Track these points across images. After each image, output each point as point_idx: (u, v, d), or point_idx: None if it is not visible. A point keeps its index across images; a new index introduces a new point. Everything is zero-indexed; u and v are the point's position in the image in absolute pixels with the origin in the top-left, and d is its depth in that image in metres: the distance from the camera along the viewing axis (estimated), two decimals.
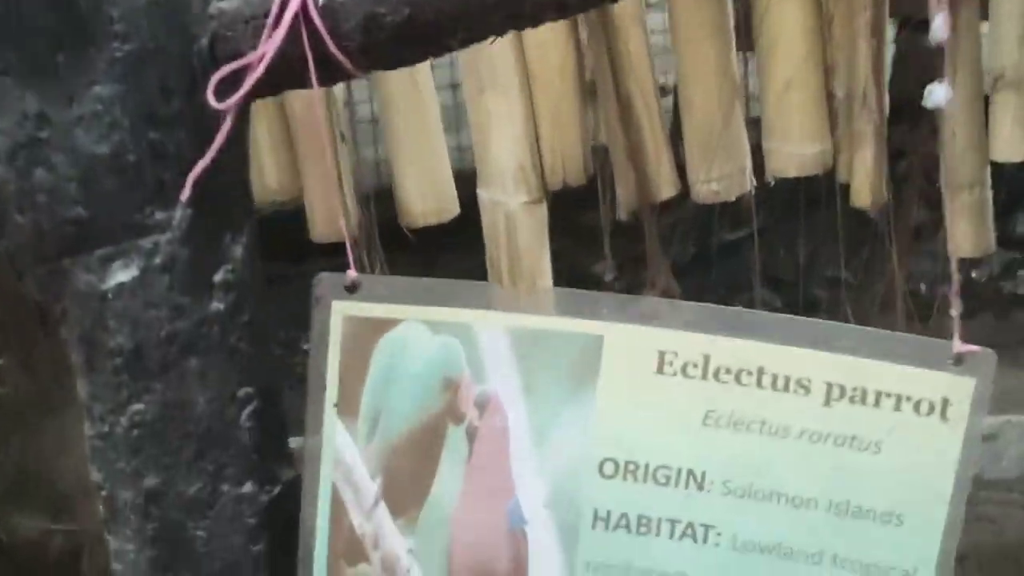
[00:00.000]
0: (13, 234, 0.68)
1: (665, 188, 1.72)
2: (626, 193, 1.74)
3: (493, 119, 1.60)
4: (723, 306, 0.68)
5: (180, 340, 0.69)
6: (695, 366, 0.69)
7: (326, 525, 0.72)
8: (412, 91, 1.63)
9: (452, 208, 1.70)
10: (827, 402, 0.68)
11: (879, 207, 1.69)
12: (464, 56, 1.55)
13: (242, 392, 0.71)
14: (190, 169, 0.66)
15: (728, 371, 0.68)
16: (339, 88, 1.63)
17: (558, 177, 1.69)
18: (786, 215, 2.16)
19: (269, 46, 0.62)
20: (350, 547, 0.73)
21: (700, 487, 0.70)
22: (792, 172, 1.66)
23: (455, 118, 1.97)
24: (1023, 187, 2.59)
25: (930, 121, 1.69)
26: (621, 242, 1.98)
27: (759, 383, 0.68)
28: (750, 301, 2.27)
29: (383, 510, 0.72)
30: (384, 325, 0.69)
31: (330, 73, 0.66)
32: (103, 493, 0.74)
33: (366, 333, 0.70)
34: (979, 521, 1.67)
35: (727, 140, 1.67)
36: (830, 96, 1.67)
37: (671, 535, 0.71)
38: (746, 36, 1.67)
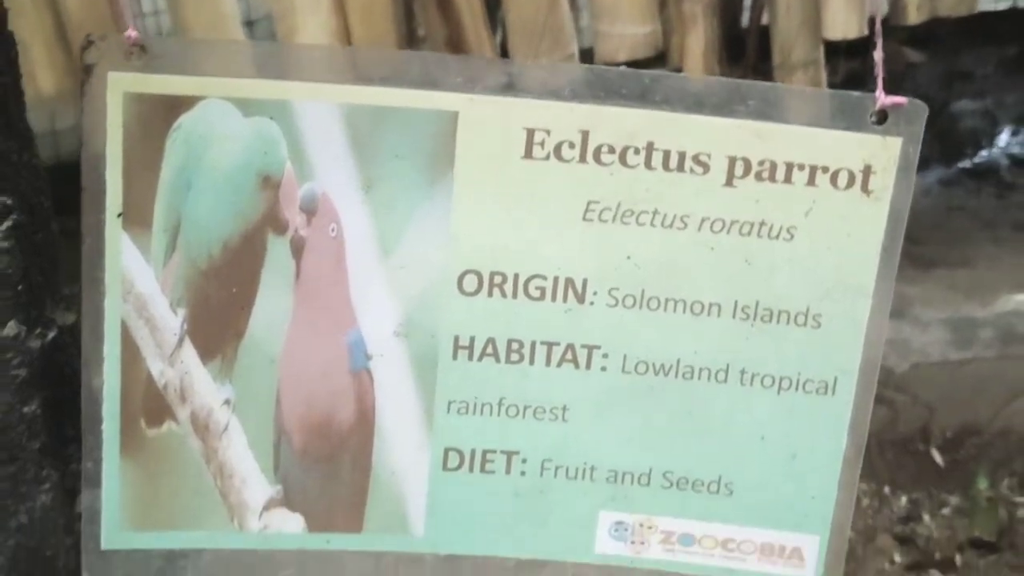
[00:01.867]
0: None
1: None
2: None
3: (298, 9, 1.45)
4: (604, 66, 0.56)
5: None
6: (571, 146, 0.56)
7: (116, 376, 0.57)
8: None
9: None
10: (730, 181, 0.56)
11: None
12: None
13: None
14: None
15: (611, 150, 0.56)
16: None
17: None
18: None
19: None
20: (149, 403, 0.58)
21: (581, 299, 0.58)
22: (622, 56, 1.56)
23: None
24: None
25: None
26: None
27: (649, 162, 0.56)
28: None
29: (190, 351, 0.57)
30: (179, 105, 0.54)
31: None
32: None
33: (156, 116, 0.54)
34: None
35: (552, 25, 1.55)
36: None
37: (548, 361, 0.59)
38: None
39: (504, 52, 1.59)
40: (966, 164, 2.84)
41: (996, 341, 1.63)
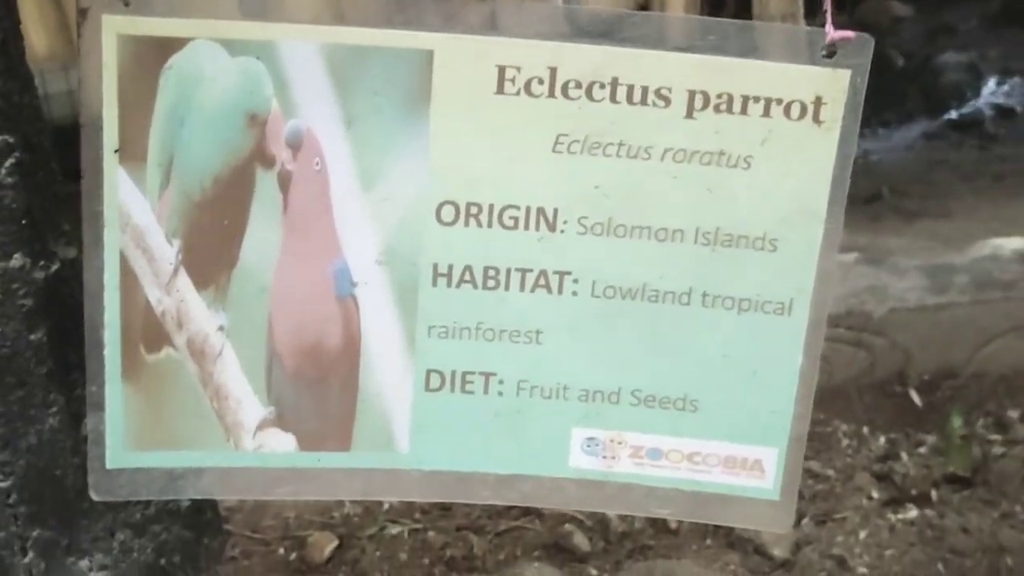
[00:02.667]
0: None
1: None
2: None
3: None
4: (571, 6, 0.59)
5: None
6: (540, 82, 0.59)
7: (116, 304, 0.61)
8: None
9: None
10: (690, 113, 0.60)
11: None
12: None
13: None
14: None
15: (578, 85, 0.60)
16: None
17: None
18: None
19: None
20: (148, 329, 0.61)
21: (552, 227, 0.62)
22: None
23: None
24: None
25: None
26: None
27: (613, 97, 0.60)
28: None
29: (185, 280, 0.61)
30: (170, 46, 0.57)
31: None
32: None
33: (148, 57, 0.58)
34: None
35: None
36: None
37: (522, 287, 0.63)
38: None
39: None
40: (951, 116, 2.88)
41: (971, 286, 1.67)
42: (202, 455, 0.64)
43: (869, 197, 2.32)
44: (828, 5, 0.57)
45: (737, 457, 0.65)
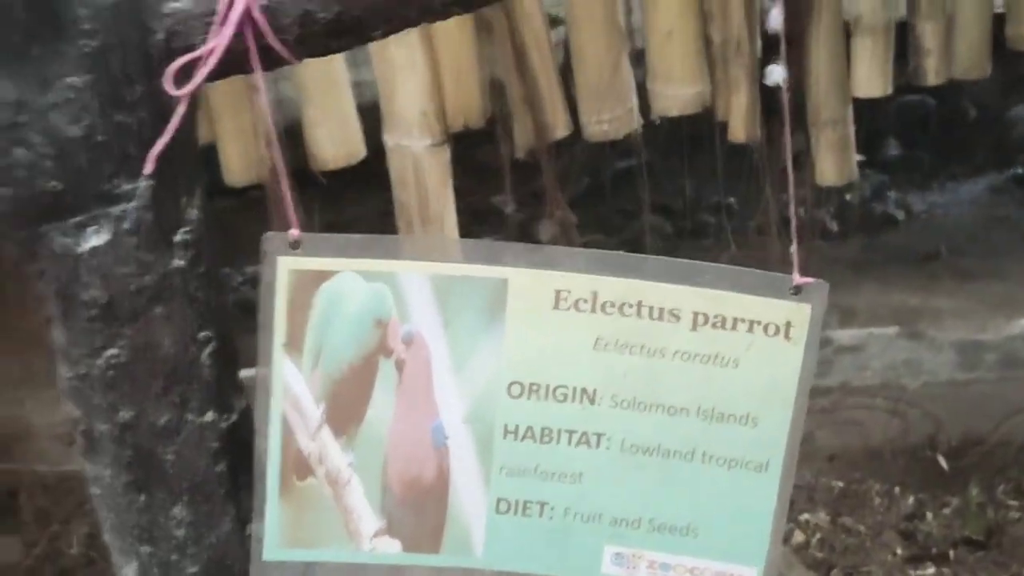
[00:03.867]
0: None
1: (559, 129, 1.86)
2: (523, 134, 1.87)
3: (397, 69, 1.70)
4: (607, 251, 0.82)
5: (147, 292, 0.80)
6: (585, 301, 0.82)
7: (277, 446, 0.85)
8: None
9: (360, 151, 1.81)
10: (694, 327, 0.82)
11: (754, 141, 1.85)
12: None
13: (202, 335, 0.83)
14: (151, 145, 0.77)
15: (613, 304, 0.82)
16: None
17: (459, 121, 1.81)
18: (673, 149, 2.31)
19: (218, 41, 0.73)
20: (298, 464, 0.86)
21: (592, 402, 0.84)
22: (674, 112, 1.81)
23: (354, 54, 2.05)
24: (892, 115, 2.77)
25: (799, 62, 1.84)
26: (519, 176, 2.10)
27: (639, 314, 0.82)
28: (641, 228, 2.42)
29: (326, 431, 0.85)
30: (323, 275, 0.81)
31: (270, 61, 0.77)
32: (81, 427, 0.85)
33: (308, 282, 0.82)
34: (847, 424, 1.86)
35: (615, 85, 1.80)
36: (708, 42, 1.82)
37: (570, 442, 0.85)
38: None
39: (572, 107, 1.84)
40: (1018, 171, 3.01)
41: (999, 364, 1.84)
42: (331, 552, 0.88)
43: (927, 256, 2.49)
44: (795, 258, 0.79)
45: (726, 572, 0.88)
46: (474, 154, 1.95)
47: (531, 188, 2.11)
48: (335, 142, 1.76)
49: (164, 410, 0.83)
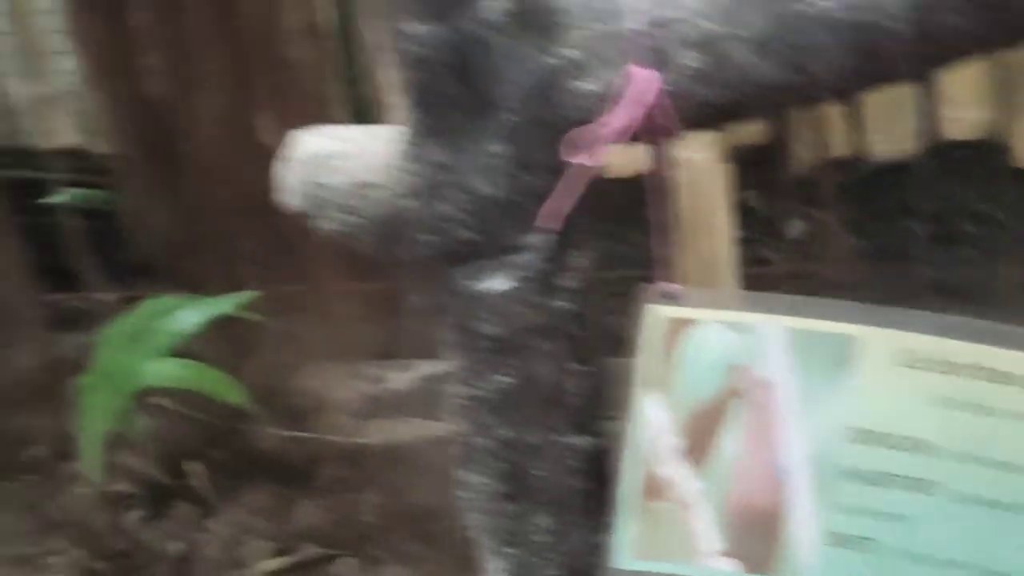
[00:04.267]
0: (414, 248, 0.91)
1: (840, 147, 1.91)
2: (802, 150, 1.93)
3: None
4: (960, 318, 0.88)
5: (535, 329, 0.92)
6: (934, 363, 0.89)
7: (638, 472, 0.95)
8: None
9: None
10: None
11: None
12: None
13: (573, 367, 0.94)
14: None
15: (961, 367, 0.89)
16: None
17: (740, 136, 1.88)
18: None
19: (626, 121, 0.83)
20: (653, 487, 0.96)
21: (928, 453, 0.91)
22: (960, 135, 1.83)
23: None
24: None
25: None
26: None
27: (983, 377, 0.89)
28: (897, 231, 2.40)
29: (681, 461, 0.95)
30: (691, 324, 0.91)
31: (659, 136, 0.87)
32: (463, 439, 0.97)
33: (673, 329, 0.92)
34: None
35: (901, 105, 1.83)
36: (996, 67, 1.83)
37: (904, 488, 0.93)
38: None
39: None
40: None
41: None
42: (673, 567, 0.98)
43: None
44: None
45: None
46: (759, 171, 2.01)
47: (812, 203, 2.14)
48: None
49: (536, 431, 0.95)
